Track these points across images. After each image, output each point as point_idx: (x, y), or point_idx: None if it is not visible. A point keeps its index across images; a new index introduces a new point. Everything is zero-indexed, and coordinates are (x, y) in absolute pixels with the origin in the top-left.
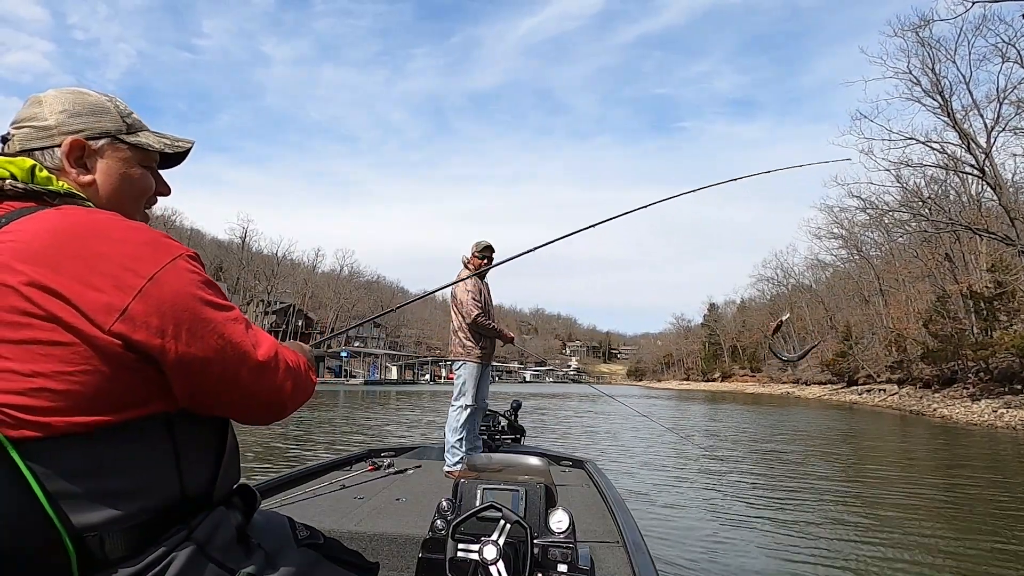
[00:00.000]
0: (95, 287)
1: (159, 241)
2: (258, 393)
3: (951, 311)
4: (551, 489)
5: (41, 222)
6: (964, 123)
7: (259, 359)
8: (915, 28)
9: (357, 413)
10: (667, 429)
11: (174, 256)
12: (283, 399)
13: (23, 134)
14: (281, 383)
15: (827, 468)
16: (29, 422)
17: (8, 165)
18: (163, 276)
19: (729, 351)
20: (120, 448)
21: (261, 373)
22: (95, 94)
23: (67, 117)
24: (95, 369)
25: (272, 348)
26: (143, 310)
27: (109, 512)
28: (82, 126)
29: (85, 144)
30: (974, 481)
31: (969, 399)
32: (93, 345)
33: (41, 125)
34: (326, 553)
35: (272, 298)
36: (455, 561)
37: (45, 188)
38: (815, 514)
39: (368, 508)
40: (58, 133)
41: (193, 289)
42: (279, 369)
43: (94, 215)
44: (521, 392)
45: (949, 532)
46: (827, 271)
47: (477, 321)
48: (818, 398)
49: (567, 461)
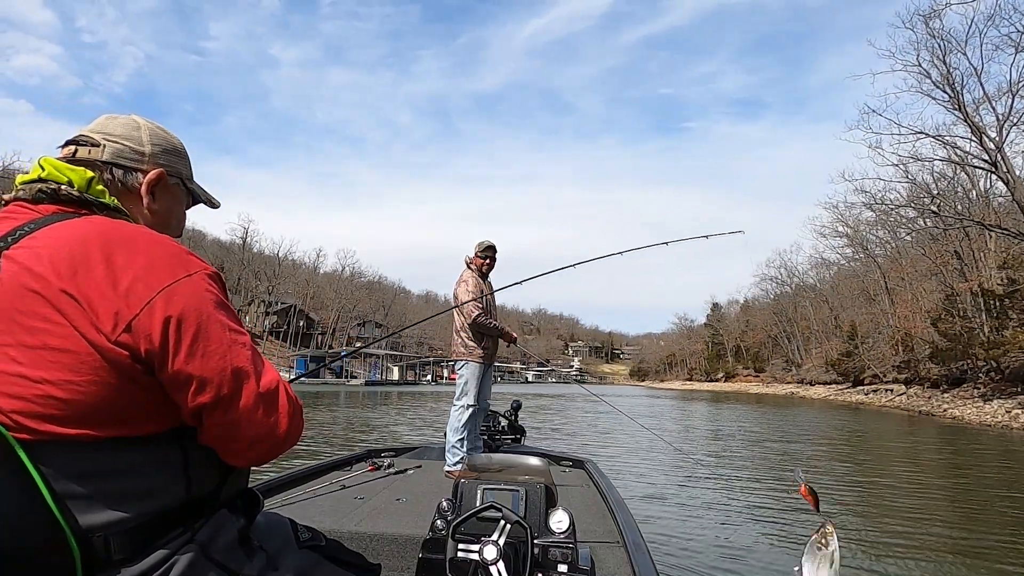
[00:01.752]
0: (107, 297)
1: (179, 256)
2: (253, 424)
3: (960, 309)
4: (551, 489)
5: (70, 229)
6: (975, 117)
7: (260, 389)
8: (925, 18)
9: (356, 413)
10: (669, 444)
11: (191, 272)
12: (277, 435)
13: (116, 149)
14: (279, 419)
15: (835, 468)
16: (35, 429)
17: (69, 172)
18: (176, 289)
19: (732, 351)
20: (129, 453)
21: (260, 403)
22: (177, 140)
23: (160, 151)
24: (102, 380)
25: (275, 381)
26: (148, 322)
27: (114, 514)
28: (168, 163)
29: (166, 178)
30: (995, 482)
31: (980, 399)
32: (102, 355)
33: (139, 149)
34: (327, 555)
35: (273, 298)
36: (455, 561)
37: (98, 200)
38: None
39: (368, 508)
40: (150, 162)
41: (204, 307)
42: (278, 404)
43: (122, 226)
44: (522, 392)
45: (971, 535)
46: (831, 270)
47: (477, 321)
48: (823, 398)
49: (567, 461)
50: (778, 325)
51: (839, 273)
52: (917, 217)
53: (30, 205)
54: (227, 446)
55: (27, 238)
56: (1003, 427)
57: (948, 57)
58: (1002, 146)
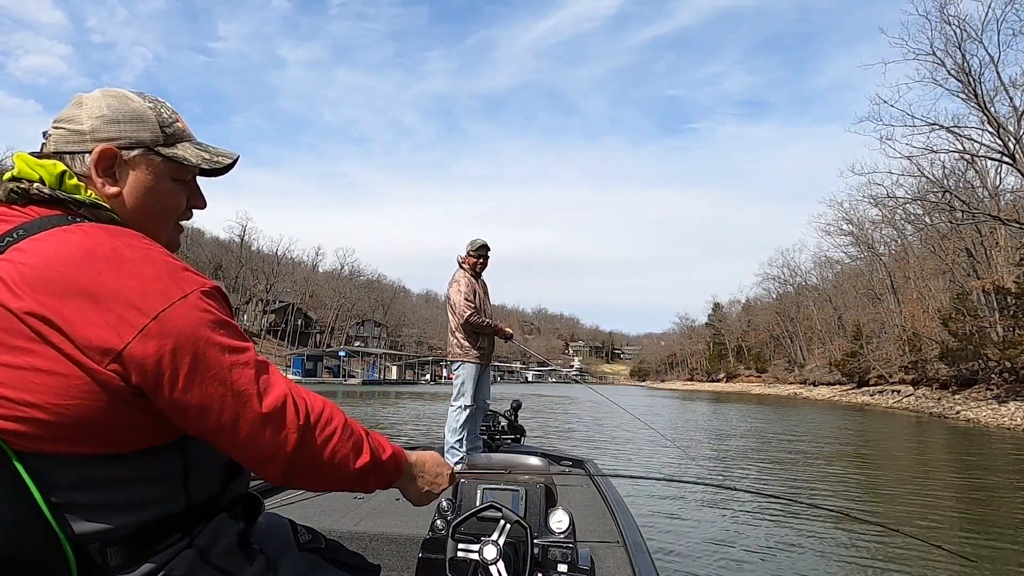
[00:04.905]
0: (96, 323)
1: (173, 275)
2: (261, 445)
3: (972, 308)
4: (551, 489)
5: (55, 245)
6: (991, 107)
7: (263, 410)
8: (940, 3)
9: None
10: (670, 442)
11: (186, 293)
12: (286, 452)
13: (58, 135)
14: (288, 435)
15: (845, 471)
16: (21, 446)
17: (38, 168)
18: (169, 315)
19: (734, 351)
20: (125, 466)
21: (266, 424)
22: (138, 99)
23: (103, 123)
24: (92, 404)
25: (280, 398)
26: (141, 351)
27: (111, 522)
28: (116, 134)
29: (117, 153)
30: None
31: (995, 401)
32: (92, 378)
33: (76, 128)
34: (328, 556)
35: (271, 297)
36: (455, 561)
37: (71, 196)
38: (826, 518)
39: (368, 508)
40: (91, 139)
41: (200, 331)
42: (286, 420)
43: (112, 240)
44: (522, 393)
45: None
46: (835, 268)
47: (469, 321)
48: (827, 399)
49: (567, 461)
50: (780, 325)
51: (843, 272)
52: (925, 214)
53: (13, 206)
54: (245, 465)
55: (11, 250)
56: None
57: (964, 45)
58: (1021, 138)
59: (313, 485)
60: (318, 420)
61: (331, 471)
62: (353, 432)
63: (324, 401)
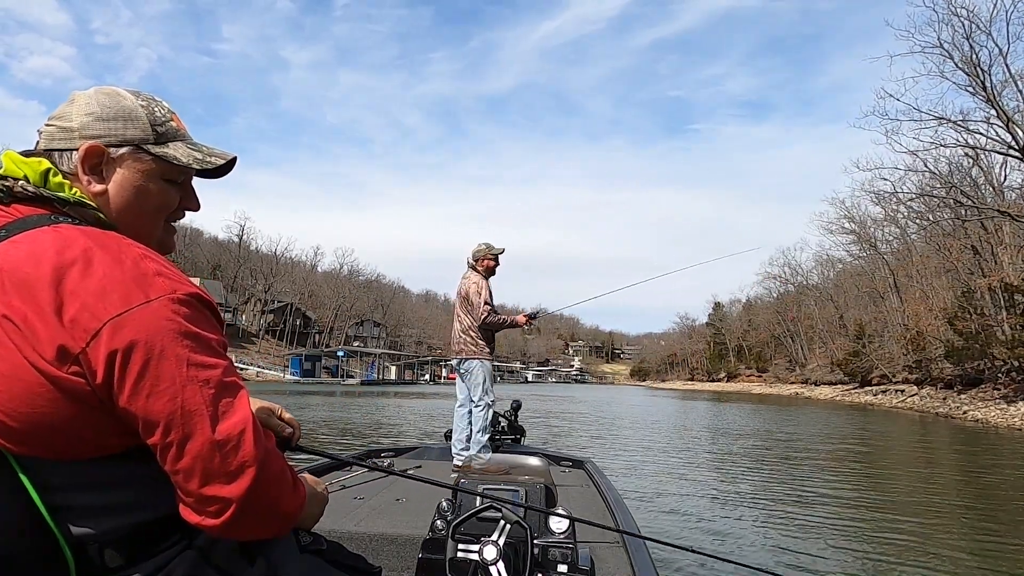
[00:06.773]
0: (52, 327)
1: (140, 278)
2: (207, 475)
3: (978, 307)
4: (551, 489)
5: (27, 247)
6: (999, 101)
7: (215, 437)
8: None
9: (343, 415)
10: (669, 443)
11: (151, 298)
12: (235, 493)
13: (48, 132)
14: (243, 471)
15: (849, 472)
16: (18, 450)
17: (24, 166)
18: (126, 320)
19: (735, 351)
20: (124, 466)
21: (215, 452)
22: (131, 98)
23: (92, 120)
24: (59, 410)
25: (238, 425)
26: (95, 355)
27: (110, 523)
28: (104, 131)
29: (104, 151)
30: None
31: (1003, 400)
32: (55, 385)
33: (65, 126)
34: (329, 558)
35: (270, 296)
36: (455, 561)
37: (55, 195)
38: (829, 518)
39: (368, 508)
40: (79, 136)
41: (158, 339)
42: (240, 453)
43: (86, 242)
44: (522, 393)
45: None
46: (836, 267)
47: (488, 321)
48: (829, 399)
49: (567, 461)
50: (781, 324)
51: (844, 271)
52: (929, 211)
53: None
54: (184, 503)
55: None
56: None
57: (972, 37)
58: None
59: (256, 533)
60: (281, 468)
61: (275, 518)
62: (285, 465)
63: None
